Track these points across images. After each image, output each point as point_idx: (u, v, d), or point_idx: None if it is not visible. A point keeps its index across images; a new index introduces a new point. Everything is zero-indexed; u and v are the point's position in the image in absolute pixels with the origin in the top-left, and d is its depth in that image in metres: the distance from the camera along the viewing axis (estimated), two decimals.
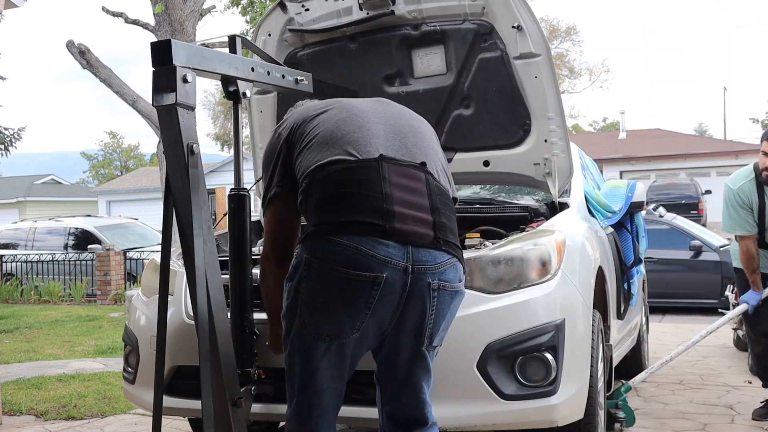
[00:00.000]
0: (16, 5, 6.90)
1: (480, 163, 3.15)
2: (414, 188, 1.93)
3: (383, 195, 1.87)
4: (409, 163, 1.97)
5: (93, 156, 51.44)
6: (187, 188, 1.99)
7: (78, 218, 13.63)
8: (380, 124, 2.04)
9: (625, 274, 3.59)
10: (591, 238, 3.00)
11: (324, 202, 1.93)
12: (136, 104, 9.11)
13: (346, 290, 1.84)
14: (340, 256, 1.83)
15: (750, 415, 3.88)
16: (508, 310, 2.34)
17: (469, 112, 3.12)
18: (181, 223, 2.04)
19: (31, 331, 7.91)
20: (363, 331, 1.89)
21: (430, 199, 1.94)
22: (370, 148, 1.95)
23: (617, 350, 3.61)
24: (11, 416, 4.22)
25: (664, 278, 8.17)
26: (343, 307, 1.86)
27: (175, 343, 2.61)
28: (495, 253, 2.45)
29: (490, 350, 2.30)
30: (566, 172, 2.97)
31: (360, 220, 1.85)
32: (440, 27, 3.03)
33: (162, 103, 1.98)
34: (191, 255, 2.00)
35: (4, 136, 16.45)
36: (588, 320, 2.62)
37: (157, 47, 1.99)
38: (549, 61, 2.87)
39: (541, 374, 2.32)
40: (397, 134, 2.03)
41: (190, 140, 2.00)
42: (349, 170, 1.92)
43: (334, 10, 3.16)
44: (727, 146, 26.87)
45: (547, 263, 2.45)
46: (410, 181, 1.93)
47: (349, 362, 1.96)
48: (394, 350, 1.97)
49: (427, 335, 1.94)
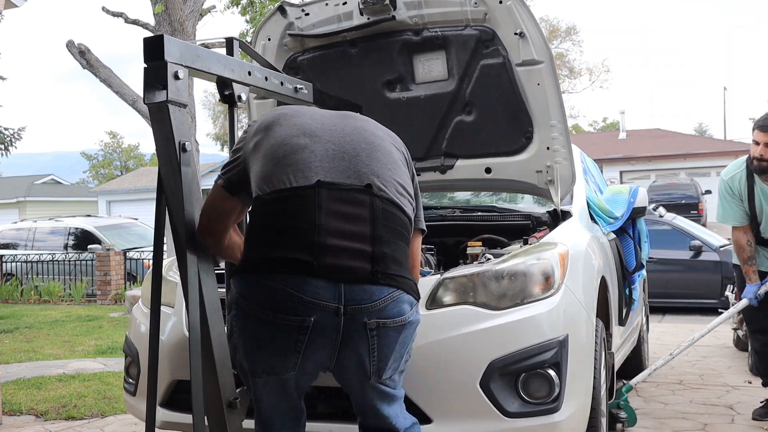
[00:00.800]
0: (16, 5, 6.89)
1: (482, 170, 3.14)
2: (353, 215, 1.80)
3: (315, 226, 1.76)
4: (351, 186, 1.83)
5: (93, 156, 51.42)
6: (179, 187, 1.94)
7: (78, 218, 13.63)
8: (330, 143, 1.91)
9: (626, 279, 3.58)
10: (594, 247, 2.98)
11: (254, 234, 1.87)
12: (136, 104, 9.08)
13: (273, 333, 1.77)
14: (265, 298, 1.76)
15: (750, 414, 3.88)
16: (511, 327, 2.31)
17: (470, 118, 3.10)
18: (174, 222, 2.00)
19: (31, 331, 7.91)
20: (300, 369, 1.83)
21: (372, 225, 1.80)
22: (309, 173, 1.83)
23: (619, 354, 3.60)
24: (11, 416, 4.22)
25: (664, 278, 8.16)
26: (274, 349, 1.80)
27: (175, 357, 2.58)
28: (498, 268, 2.42)
29: (494, 367, 2.27)
30: (568, 179, 2.96)
31: (287, 256, 1.75)
32: (442, 32, 3.01)
33: (153, 100, 1.93)
34: (184, 255, 1.96)
35: (4, 136, 16.43)
36: (591, 333, 2.61)
37: (150, 43, 1.95)
38: (552, 69, 2.85)
39: (545, 391, 2.30)
40: (348, 153, 1.89)
41: (182, 138, 1.94)
42: (281, 200, 1.82)
43: (335, 15, 3.13)
44: (727, 146, 26.85)
45: (551, 278, 2.42)
46: (350, 207, 1.81)
47: (295, 391, 1.92)
48: (343, 383, 1.93)
49: (374, 371, 1.84)
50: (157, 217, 2.06)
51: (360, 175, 1.86)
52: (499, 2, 2.83)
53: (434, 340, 2.30)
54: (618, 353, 3.51)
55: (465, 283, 2.39)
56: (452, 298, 2.38)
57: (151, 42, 1.95)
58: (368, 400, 1.92)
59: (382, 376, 1.86)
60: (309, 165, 1.85)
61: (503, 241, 2.97)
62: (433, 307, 2.36)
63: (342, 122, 2.00)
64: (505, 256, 2.49)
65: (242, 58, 2.54)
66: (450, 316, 2.34)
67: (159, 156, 2.00)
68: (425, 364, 2.23)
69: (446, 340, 2.30)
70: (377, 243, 1.80)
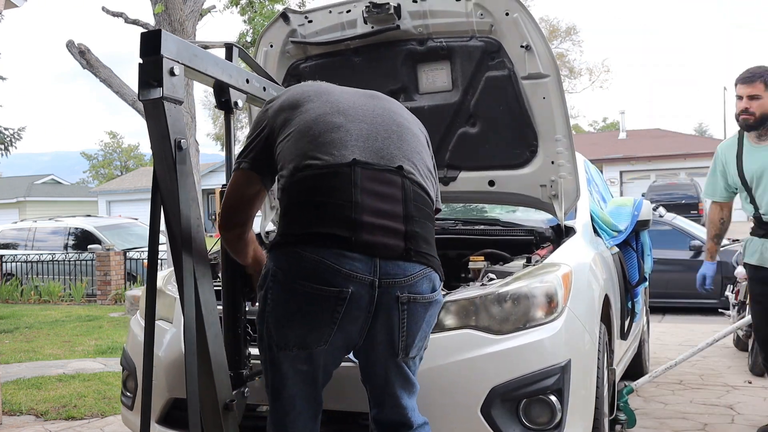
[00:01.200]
0: (16, 5, 6.86)
1: (485, 183, 3.10)
2: (387, 194, 1.87)
3: (353, 203, 1.81)
4: (386, 167, 1.89)
5: (93, 156, 51.44)
6: (175, 185, 1.90)
7: (78, 218, 13.60)
8: (363, 123, 1.96)
9: (629, 293, 3.55)
10: (598, 264, 2.95)
11: (291, 210, 1.89)
12: (136, 104, 9.06)
13: (311, 304, 1.81)
14: (304, 269, 1.80)
15: (750, 415, 3.87)
16: (513, 353, 2.28)
17: (474, 130, 3.07)
18: (169, 221, 1.96)
19: (31, 331, 7.89)
20: (331, 344, 1.87)
21: (404, 205, 1.87)
22: (345, 151, 1.88)
23: (620, 367, 3.58)
24: (11, 416, 4.21)
25: (664, 278, 8.13)
26: (309, 321, 1.83)
27: (173, 375, 2.55)
28: (501, 291, 2.38)
29: (495, 393, 2.24)
30: (573, 194, 2.92)
31: (325, 231, 1.80)
32: (447, 43, 2.97)
33: (148, 97, 1.88)
34: (179, 254, 1.92)
35: (4, 136, 16.39)
36: (593, 355, 2.57)
37: (146, 37, 1.90)
38: (558, 82, 2.81)
39: (546, 417, 2.27)
40: (380, 134, 1.95)
41: (177, 135, 1.90)
42: (318, 177, 1.85)
43: (338, 23, 3.09)
44: None
45: (554, 301, 2.39)
46: (384, 187, 1.87)
47: (322, 371, 1.93)
48: (369, 363, 1.95)
49: (402, 347, 1.90)
50: (152, 217, 2.00)
51: (392, 157, 1.92)
52: (506, 14, 2.80)
53: (436, 365, 2.27)
54: (619, 366, 3.49)
55: (467, 306, 2.36)
56: (454, 322, 2.35)
57: (148, 36, 1.90)
58: (390, 386, 1.94)
59: (409, 353, 1.91)
60: (345, 144, 1.89)
61: (506, 256, 2.94)
62: (434, 331, 2.30)
63: (372, 102, 2.05)
64: (508, 278, 2.45)
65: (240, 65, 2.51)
66: (452, 341, 2.31)
67: (154, 154, 1.96)
68: (426, 389, 2.20)
69: (448, 366, 2.28)
70: (409, 222, 1.86)
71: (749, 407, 4.02)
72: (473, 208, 4.00)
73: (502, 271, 2.63)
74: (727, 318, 6.24)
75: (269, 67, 3.26)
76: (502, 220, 3.60)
